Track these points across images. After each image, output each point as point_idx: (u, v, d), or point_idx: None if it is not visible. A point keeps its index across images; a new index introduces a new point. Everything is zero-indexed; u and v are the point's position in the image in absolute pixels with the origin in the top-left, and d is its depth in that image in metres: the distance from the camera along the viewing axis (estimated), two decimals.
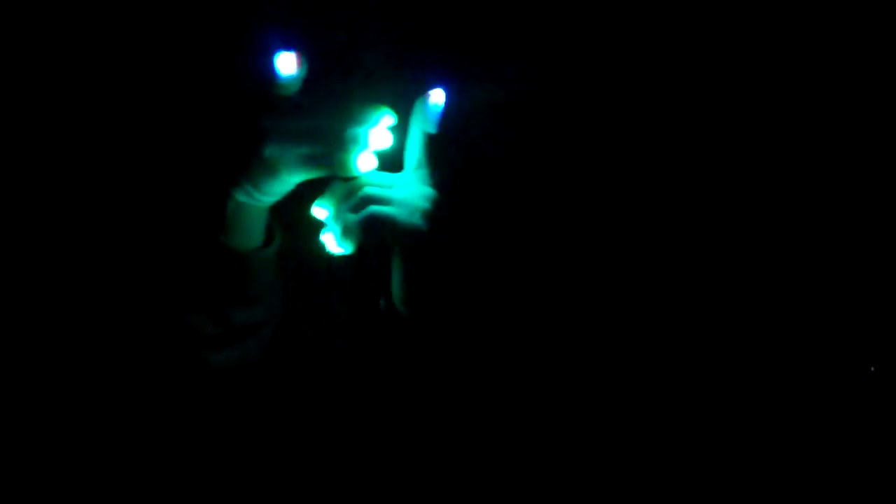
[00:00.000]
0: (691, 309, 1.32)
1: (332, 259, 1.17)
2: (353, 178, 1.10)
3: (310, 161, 1.09)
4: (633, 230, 1.34)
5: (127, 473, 1.30)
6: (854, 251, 1.36)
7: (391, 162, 1.13)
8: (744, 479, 1.32)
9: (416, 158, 1.14)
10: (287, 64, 1.10)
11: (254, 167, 1.12)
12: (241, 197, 1.15)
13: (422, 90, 1.12)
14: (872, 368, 1.35)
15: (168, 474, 1.29)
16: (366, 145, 1.09)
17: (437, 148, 1.12)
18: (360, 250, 1.13)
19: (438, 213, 1.11)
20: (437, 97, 1.13)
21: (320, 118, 1.09)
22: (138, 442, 1.30)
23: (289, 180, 1.12)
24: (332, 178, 1.12)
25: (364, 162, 1.08)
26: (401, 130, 1.12)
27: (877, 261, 1.36)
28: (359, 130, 1.08)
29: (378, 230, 1.08)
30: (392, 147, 1.12)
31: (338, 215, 1.10)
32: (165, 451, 1.30)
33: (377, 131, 1.10)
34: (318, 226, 1.12)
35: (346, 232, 1.09)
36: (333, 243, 1.11)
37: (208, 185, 1.17)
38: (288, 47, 1.10)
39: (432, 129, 1.12)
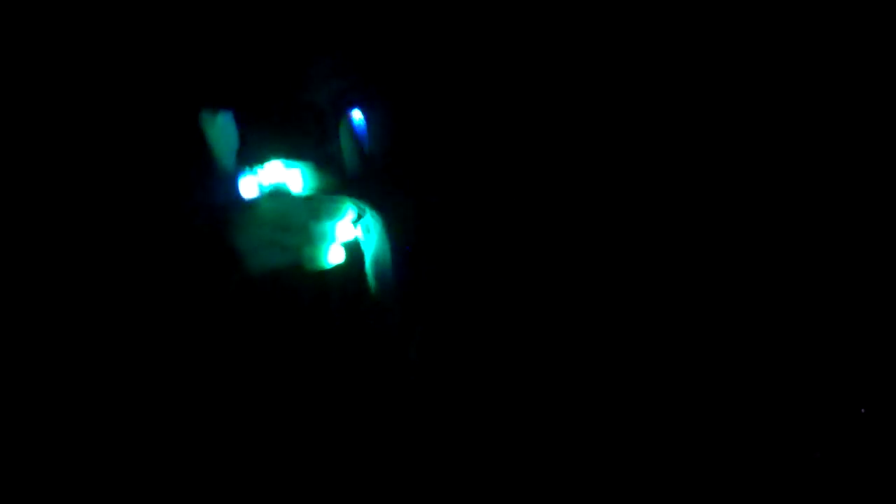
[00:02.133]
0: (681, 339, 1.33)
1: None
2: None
3: (282, 257, 1.16)
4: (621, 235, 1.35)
5: (126, 473, 1.31)
6: (849, 280, 1.36)
7: None
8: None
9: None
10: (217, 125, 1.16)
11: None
12: None
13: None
14: (863, 410, 1.35)
15: (167, 474, 1.30)
16: (333, 239, 1.16)
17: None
18: None
19: None
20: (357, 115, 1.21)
21: (288, 217, 1.15)
22: (137, 442, 1.31)
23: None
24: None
25: (334, 255, 1.16)
26: None
27: (871, 294, 1.36)
28: (326, 225, 1.15)
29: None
30: None
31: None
32: (165, 450, 1.31)
33: (343, 224, 1.17)
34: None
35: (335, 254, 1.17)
36: (316, 259, 1.16)
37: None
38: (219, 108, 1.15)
39: (362, 142, 1.19)
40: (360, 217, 1.20)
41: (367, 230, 1.21)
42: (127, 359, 1.23)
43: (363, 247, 1.22)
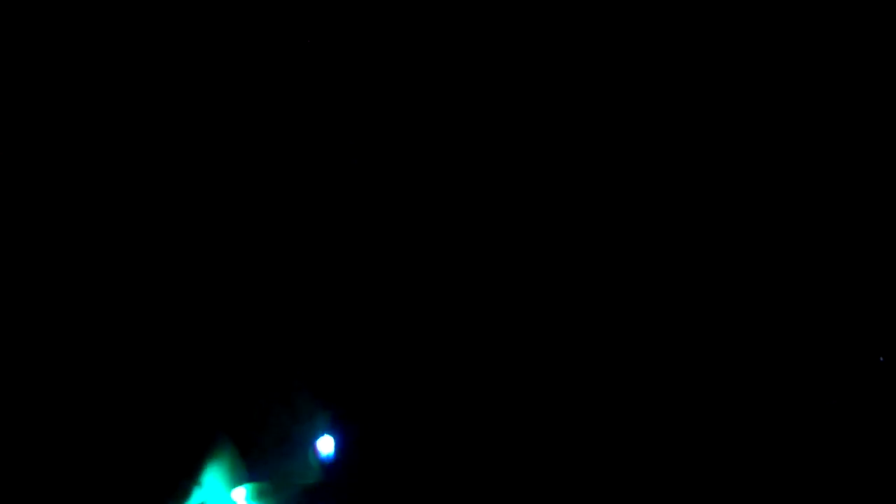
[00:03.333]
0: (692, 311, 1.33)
1: None
2: None
3: None
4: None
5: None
6: (853, 252, 1.35)
7: None
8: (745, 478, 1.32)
9: None
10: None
11: None
12: None
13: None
14: (882, 359, 1.33)
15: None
16: None
17: None
18: None
19: None
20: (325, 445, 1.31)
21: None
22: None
23: None
24: None
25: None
26: None
27: (876, 262, 1.35)
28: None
29: None
30: None
31: None
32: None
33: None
34: None
35: None
36: None
37: None
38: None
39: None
40: None
41: None
42: None
43: None
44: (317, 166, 1.33)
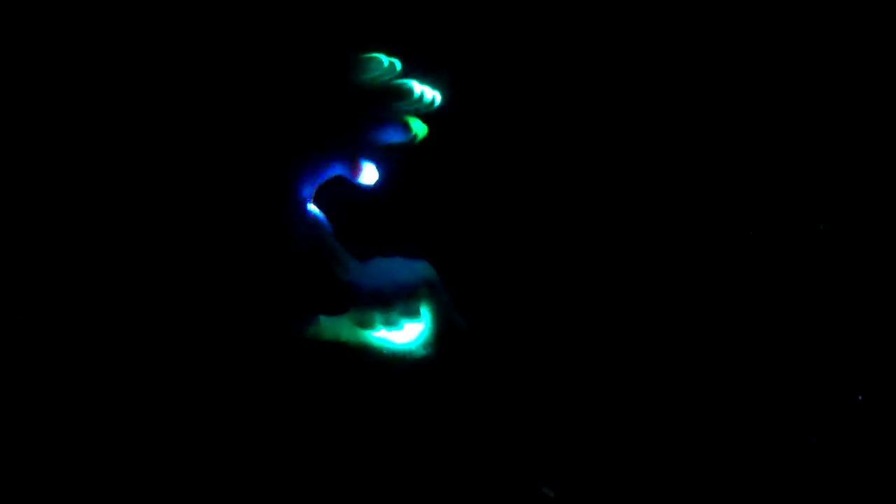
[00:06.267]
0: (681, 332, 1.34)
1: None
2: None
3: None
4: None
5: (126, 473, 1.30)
6: (850, 272, 1.36)
7: None
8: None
9: None
10: None
11: None
12: None
13: None
14: (860, 398, 1.35)
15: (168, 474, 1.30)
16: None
17: None
18: None
19: None
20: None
21: None
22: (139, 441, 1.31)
23: None
24: None
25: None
26: None
27: (870, 284, 1.36)
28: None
29: None
30: None
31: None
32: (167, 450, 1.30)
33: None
34: None
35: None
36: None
37: None
38: None
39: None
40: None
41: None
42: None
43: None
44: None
